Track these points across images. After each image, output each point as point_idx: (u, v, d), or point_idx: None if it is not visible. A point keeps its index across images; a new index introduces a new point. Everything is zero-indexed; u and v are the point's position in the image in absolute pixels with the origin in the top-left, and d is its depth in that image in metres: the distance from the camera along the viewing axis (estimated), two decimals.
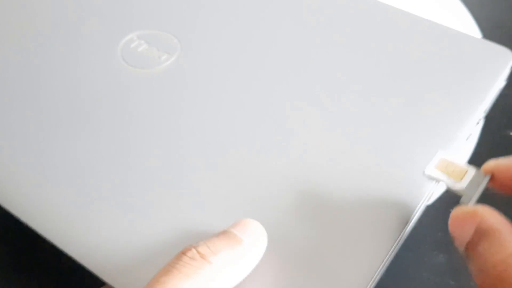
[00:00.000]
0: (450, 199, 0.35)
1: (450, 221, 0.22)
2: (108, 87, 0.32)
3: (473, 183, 0.25)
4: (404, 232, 0.25)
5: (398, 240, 0.25)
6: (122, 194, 0.27)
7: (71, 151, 0.29)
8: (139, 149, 0.29)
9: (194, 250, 0.22)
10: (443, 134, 0.28)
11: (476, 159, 0.37)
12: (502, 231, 0.20)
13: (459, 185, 0.25)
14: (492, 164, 0.24)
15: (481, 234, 0.21)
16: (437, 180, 0.26)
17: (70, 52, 0.34)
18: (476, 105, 0.29)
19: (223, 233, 0.23)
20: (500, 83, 0.31)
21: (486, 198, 0.24)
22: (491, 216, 0.21)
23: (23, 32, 0.36)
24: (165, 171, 0.28)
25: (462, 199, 0.25)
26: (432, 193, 0.27)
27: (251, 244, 0.23)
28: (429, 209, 0.34)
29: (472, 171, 0.25)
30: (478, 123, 0.30)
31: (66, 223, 0.26)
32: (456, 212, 0.22)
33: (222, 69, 0.32)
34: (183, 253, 0.22)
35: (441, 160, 0.26)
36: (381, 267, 0.24)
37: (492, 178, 0.24)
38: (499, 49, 0.32)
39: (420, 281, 0.32)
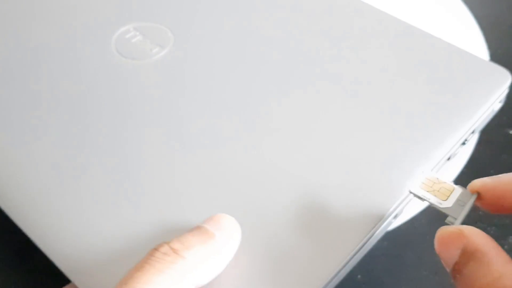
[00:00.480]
0: None
1: (436, 241, 0.21)
2: (96, 75, 0.32)
3: (459, 202, 0.24)
4: (370, 238, 0.25)
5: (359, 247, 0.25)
6: (95, 189, 0.27)
7: (50, 140, 0.29)
8: (114, 143, 0.29)
9: (166, 246, 0.22)
10: (420, 151, 0.28)
11: (476, 159, 0.37)
12: (490, 253, 0.20)
13: (445, 204, 0.24)
14: (478, 183, 0.24)
15: (467, 256, 0.20)
16: (422, 199, 0.25)
17: (64, 40, 0.35)
18: (461, 124, 0.29)
19: (196, 228, 0.23)
20: (495, 105, 0.31)
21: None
22: (478, 237, 0.20)
23: (18, 22, 0.36)
24: (138, 167, 0.27)
25: (448, 219, 0.24)
26: (402, 209, 0.27)
27: (224, 238, 0.23)
28: (429, 209, 0.34)
29: (458, 190, 0.25)
30: (464, 143, 0.30)
31: (37, 212, 0.26)
32: (441, 232, 0.21)
33: (212, 64, 0.32)
34: (156, 249, 0.22)
35: (427, 179, 0.26)
36: (336, 273, 0.24)
37: (479, 197, 0.24)
38: (498, 70, 0.31)
39: (420, 281, 0.32)
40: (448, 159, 0.29)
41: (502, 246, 0.35)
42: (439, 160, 0.28)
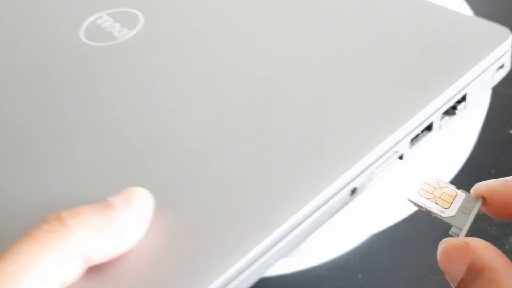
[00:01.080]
0: None
1: (439, 256, 0.20)
2: (58, 60, 0.32)
3: (463, 209, 0.22)
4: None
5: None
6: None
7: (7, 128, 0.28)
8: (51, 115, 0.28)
9: (54, 216, 0.20)
10: (392, 114, 0.25)
11: (476, 158, 0.37)
12: (500, 270, 0.18)
13: (448, 213, 0.22)
14: (483, 187, 0.21)
15: (475, 273, 0.18)
16: (422, 208, 0.22)
17: (32, 29, 0.35)
18: (439, 90, 0.26)
19: (94, 202, 0.22)
20: (493, 67, 0.27)
21: None
22: (486, 251, 0.19)
23: None
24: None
25: (452, 230, 0.22)
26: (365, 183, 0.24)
27: (131, 211, 0.22)
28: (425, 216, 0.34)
29: (461, 195, 0.22)
30: (453, 112, 0.27)
31: None
32: (445, 245, 0.20)
33: (176, 44, 0.31)
34: (43, 220, 0.20)
35: (426, 183, 0.23)
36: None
37: (484, 202, 0.22)
38: (493, 28, 0.28)
39: (419, 280, 0.32)
40: (429, 128, 0.26)
41: (503, 246, 0.35)
42: (416, 127, 0.25)
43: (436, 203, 0.22)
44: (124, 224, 0.21)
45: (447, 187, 0.22)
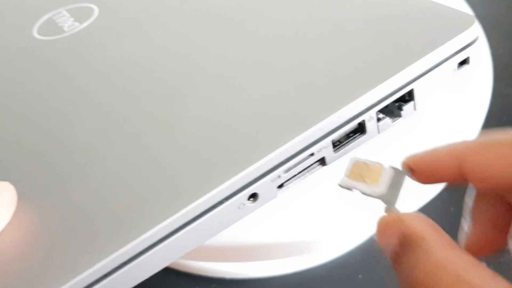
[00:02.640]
0: (449, 197, 0.35)
1: (376, 231, 0.20)
2: (10, 56, 0.32)
3: (393, 184, 0.21)
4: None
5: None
6: None
7: None
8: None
9: None
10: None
11: None
12: (430, 240, 0.18)
13: (378, 191, 0.21)
14: (411, 159, 0.21)
15: (406, 244, 0.18)
16: (353, 190, 0.21)
17: None
18: (372, 84, 0.22)
19: None
20: (448, 64, 0.23)
21: None
22: (416, 223, 0.18)
23: None
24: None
25: (387, 207, 0.21)
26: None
27: None
28: (429, 208, 0.34)
29: (389, 170, 0.21)
30: (394, 115, 0.24)
31: None
32: (381, 220, 0.19)
33: (125, 34, 0.31)
34: None
35: (354, 165, 0.21)
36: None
37: (413, 173, 0.21)
38: (455, 15, 0.24)
39: None
40: (362, 130, 0.23)
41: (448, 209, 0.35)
42: (339, 126, 0.22)
43: (366, 183, 0.21)
44: None
45: (374, 165, 0.22)
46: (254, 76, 0.24)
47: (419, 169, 0.21)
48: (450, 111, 0.35)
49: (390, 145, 0.30)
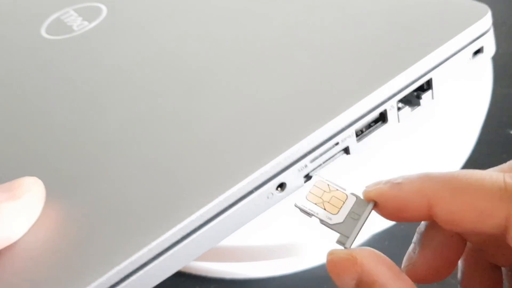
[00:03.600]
0: None
1: (327, 267, 0.19)
2: (19, 56, 0.32)
3: (352, 215, 0.20)
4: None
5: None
6: None
7: None
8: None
9: None
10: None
11: (476, 159, 0.37)
12: (389, 285, 0.17)
13: (336, 219, 0.20)
14: (374, 191, 0.20)
15: (361, 286, 0.18)
16: (310, 214, 0.20)
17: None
18: (393, 73, 0.22)
19: None
20: (464, 52, 0.24)
21: None
22: (374, 265, 0.18)
23: None
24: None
25: (339, 238, 0.19)
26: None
27: (11, 201, 0.20)
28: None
29: (352, 199, 0.20)
30: (413, 104, 0.24)
31: None
32: (332, 257, 0.18)
33: (134, 34, 0.31)
34: None
35: (315, 187, 0.20)
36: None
37: (376, 205, 0.20)
38: (469, 4, 0.25)
39: None
40: (383, 119, 0.24)
41: None
42: (362, 116, 0.22)
43: (324, 209, 0.20)
44: (7, 217, 0.20)
45: (337, 190, 0.20)
46: (280, 69, 0.25)
47: (384, 204, 0.20)
48: (450, 111, 0.35)
49: (390, 145, 0.30)
